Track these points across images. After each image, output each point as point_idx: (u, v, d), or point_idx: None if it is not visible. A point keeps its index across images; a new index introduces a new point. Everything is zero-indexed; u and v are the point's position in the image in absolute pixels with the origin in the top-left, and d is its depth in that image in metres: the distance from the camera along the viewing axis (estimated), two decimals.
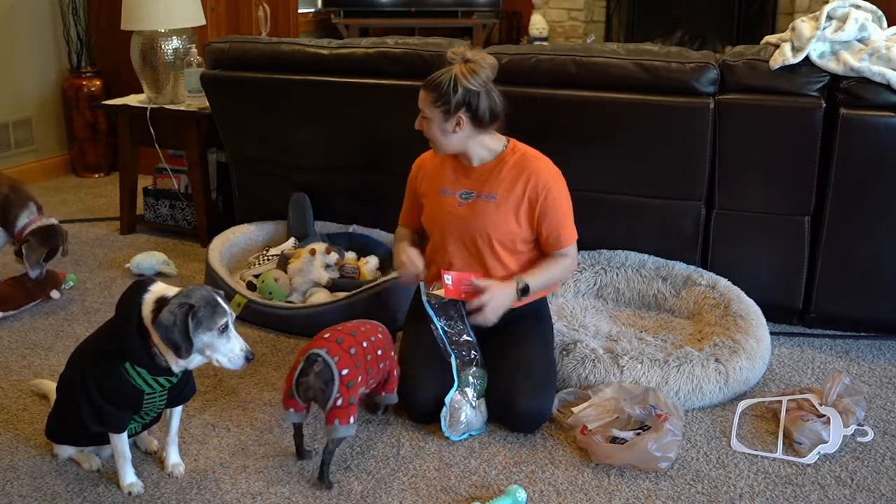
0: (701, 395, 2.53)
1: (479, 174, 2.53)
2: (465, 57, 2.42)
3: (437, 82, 2.41)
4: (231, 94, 3.50)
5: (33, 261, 3.15)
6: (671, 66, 2.87)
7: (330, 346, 2.20)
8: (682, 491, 2.18)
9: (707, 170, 2.93)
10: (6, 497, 2.14)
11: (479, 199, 2.51)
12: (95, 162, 4.99)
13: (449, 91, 2.39)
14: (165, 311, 1.94)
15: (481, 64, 2.41)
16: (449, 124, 2.43)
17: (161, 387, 2.07)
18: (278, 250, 3.37)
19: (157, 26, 3.89)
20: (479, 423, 2.41)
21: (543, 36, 6.45)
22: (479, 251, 2.53)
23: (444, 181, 2.58)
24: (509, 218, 2.49)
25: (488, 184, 2.51)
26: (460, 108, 2.40)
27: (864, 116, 2.71)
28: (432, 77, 2.43)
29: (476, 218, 2.51)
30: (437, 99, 2.41)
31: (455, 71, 2.40)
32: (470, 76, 2.39)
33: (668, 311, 3.03)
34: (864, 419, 2.44)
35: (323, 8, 6.45)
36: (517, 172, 2.49)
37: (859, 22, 2.78)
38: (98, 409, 2.04)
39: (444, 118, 2.42)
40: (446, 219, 2.55)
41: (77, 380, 2.08)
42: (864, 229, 2.83)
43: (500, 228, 2.49)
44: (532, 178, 2.48)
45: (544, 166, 2.51)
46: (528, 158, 2.52)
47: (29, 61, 4.75)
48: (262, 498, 2.15)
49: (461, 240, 2.54)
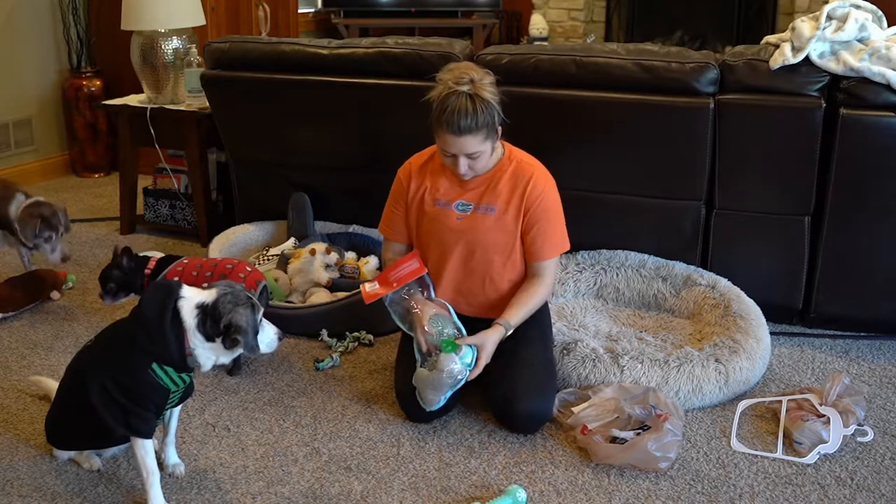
0: (701, 395, 2.53)
1: (476, 185, 2.46)
2: (472, 78, 2.30)
3: (480, 120, 2.26)
4: (231, 94, 3.50)
5: (29, 234, 3.09)
6: (671, 66, 2.87)
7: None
8: (682, 491, 2.18)
9: (707, 170, 2.93)
10: (6, 497, 2.14)
11: (477, 212, 2.45)
12: (95, 162, 4.99)
13: (492, 117, 2.30)
14: (236, 316, 1.99)
15: (484, 74, 2.34)
16: (496, 143, 2.39)
17: (183, 383, 2.09)
18: (278, 250, 3.37)
19: (157, 26, 3.89)
20: (448, 378, 2.30)
21: (543, 36, 6.45)
22: (478, 264, 2.49)
23: (439, 192, 2.49)
24: (508, 230, 2.45)
25: (486, 195, 2.45)
26: (498, 124, 2.35)
27: (864, 116, 2.71)
28: (466, 118, 2.25)
29: (475, 231, 2.45)
30: (487, 133, 2.31)
31: (484, 95, 2.28)
32: (492, 88, 2.32)
33: (668, 311, 3.03)
34: (864, 419, 2.44)
35: (323, 8, 6.45)
36: (514, 183, 2.44)
37: (859, 22, 2.78)
38: (126, 412, 2.03)
39: (494, 140, 2.37)
40: (444, 233, 2.48)
41: (93, 389, 2.04)
42: (864, 229, 2.83)
43: (499, 241, 2.46)
44: (529, 186, 2.42)
45: (540, 174, 2.46)
46: (524, 166, 2.46)
47: (29, 61, 4.75)
48: (262, 498, 2.15)
49: (460, 253, 2.48)
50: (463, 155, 2.33)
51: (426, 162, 2.54)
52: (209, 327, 2.00)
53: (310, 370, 2.77)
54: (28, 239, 3.11)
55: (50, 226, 3.13)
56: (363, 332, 2.94)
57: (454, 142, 2.30)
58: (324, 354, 2.84)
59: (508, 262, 2.49)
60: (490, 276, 2.50)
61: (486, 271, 2.49)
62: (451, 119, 2.26)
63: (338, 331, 2.95)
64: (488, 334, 2.37)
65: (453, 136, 2.28)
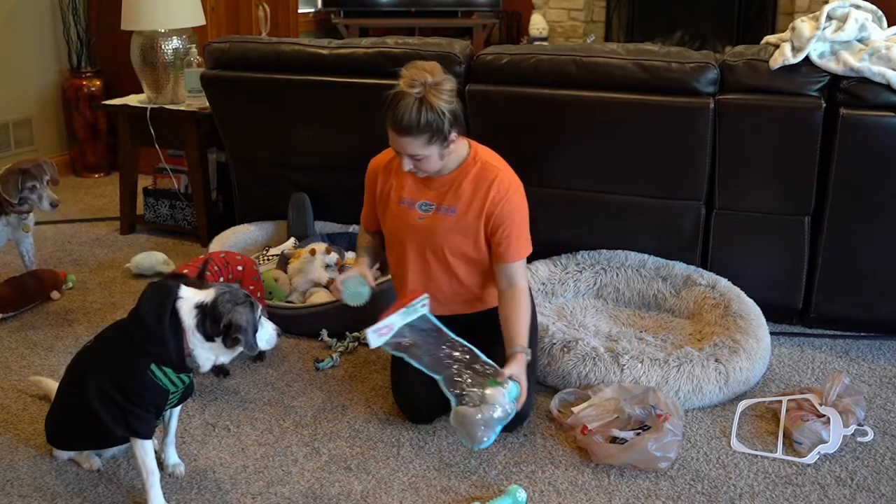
0: (701, 395, 2.53)
1: (439, 185, 2.44)
2: (425, 81, 2.27)
3: (422, 123, 2.24)
4: (231, 94, 3.50)
5: (11, 190, 3.03)
6: (671, 66, 2.87)
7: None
8: (682, 491, 2.18)
9: (707, 170, 2.93)
10: (6, 497, 2.14)
11: (438, 212, 2.44)
12: (95, 162, 4.99)
13: (440, 124, 2.26)
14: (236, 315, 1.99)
15: (443, 79, 2.30)
16: (447, 149, 2.35)
17: (182, 384, 2.09)
18: (278, 250, 3.38)
19: (157, 26, 3.89)
20: (500, 412, 2.15)
21: (543, 36, 6.44)
22: (435, 263, 2.47)
23: (404, 190, 2.48)
24: (468, 232, 2.42)
25: (448, 196, 2.43)
26: (452, 129, 2.31)
27: (864, 116, 2.71)
28: (408, 119, 2.24)
29: (435, 232, 2.43)
30: (431, 137, 2.28)
31: (433, 101, 2.25)
32: (446, 95, 2.28)
33: (668, 311, 3.03)
34: (864, 419, 2.44)
35: (323, 8, 6.45)
36: (477, 184, 2.40)
37: (859, 22, 2.78)
38: (125, 413, 2.03)
39: (442, 146, 2.33)
40: (406, 231, 2.48)
41: (92, 390, 2.05)
42: (864, 229, 2.83)
43: (457, 242, 2.43)
44: (492, 189, 2.38)
45: (504, 176, 2.41)
46: (489, 168, 2.42)
47: (29, 61, 4.75)
48: (262, 498, 2.15)
49: (421, 252, 2.47)
50: (406, 154, 2.34)
51: (394, 158, 2.51)
52: (209, 327, 2.00)
53: (310, 370, 2.77)
54: (12, 195, 3.04)
55: (31, 175, 3.07)
56: (363, 332, 2.93)
57: (395, 139, 2.32)
58: (324, 354, 2.84)
59: (472, 262, 2.46)
60: (455, 276, 2.48)
61: (449, 271, 2.47)
62: (393, 117, 2.28)
63: (338, 331, 2.95)
64: (515, 364, 2.27)
65: (394, 133, 2.30)
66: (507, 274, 2.40)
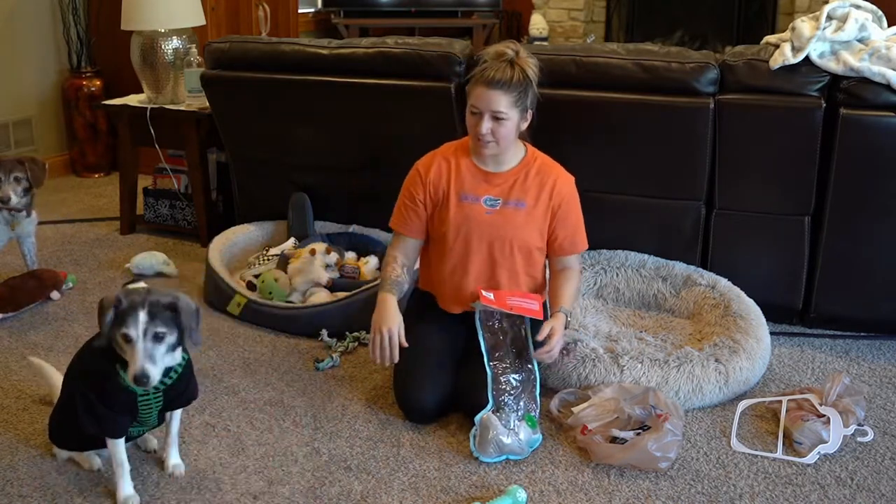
0: (701, 395, 2.53)
1: (503, 180, 2.50)
2: (517, 50, 2.38)
3: (514, 80, 2.34)
4: (231, 94, 3.50)
5: None
6: (671, 66, 2.87)
7: None
8: (682, 491, 2.18)
9: (707, 170, 2.93)
10: (6, 497, 2.14)
11: (507, 207, 2.48)
12: (95, 162, 4.99)
13: (528, 87, 2.37)
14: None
15: (531, 56, 2.40)
16: (522, 122, 2.43)
17: (155, 389, 2.07)
18: (278, 250, 3.37)
19: (157, 26, 3.89)
20: (517, 446, 2.28)
21: (543, 36, 6.45)
22: (505, 258, 2.50)
23: (464, 186, 2.51)
24: (536, 225, 2.49)
25: (515, 191, 2.49)
26: (531, 106, 2.41)
27: (864, 116, 2.71)
28: (502, 74, 2.33)
29: (506, 226, 2.48)
30: (518, 98, 2.36)
31: (524, 66, 2.35)
32: (533, 67, 2.38)
33: (668, 311, 3.03)
34: (864, 419, 2.44)
35: (323, 8, 6.45)
36: (542, 179, 2.49)
37: (859, 22, 2.78)
38: (93, 409, 2.05)
39: (521, 116, 2.41)
40: (471, 225, 2.49)
41: (76, 384, 2.10)
42: (864, 229, 2.83)
43: (526, 236, 2.49)
44: (556, 185, 2.50)
45: (563, 173, 2.54)
46: (550, 164, 2.54)
47: (29, 61, 4.75)
48: (262, 498, 2.15)
49: (488, 248, 2.50)
50: (488, 112, 2.36)
51: (447, 157, 2.55)
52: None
53: (310, 370, 2.77)
54: None
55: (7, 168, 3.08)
56: (363, 332, 2.93)
57: (483, 94, 2.36)
58: (324, 354, 2.84)
59: (531, 256, 2.52)
60: (514, 270, 2.52)
61: (511, 266, 2.51)
62: (486, 72, 2.35)
63: (338, 331, 2.95)
64: (555, 321, 2.42)
65: (484, 88, 2.35)
66: (570, 262, 2.56)
